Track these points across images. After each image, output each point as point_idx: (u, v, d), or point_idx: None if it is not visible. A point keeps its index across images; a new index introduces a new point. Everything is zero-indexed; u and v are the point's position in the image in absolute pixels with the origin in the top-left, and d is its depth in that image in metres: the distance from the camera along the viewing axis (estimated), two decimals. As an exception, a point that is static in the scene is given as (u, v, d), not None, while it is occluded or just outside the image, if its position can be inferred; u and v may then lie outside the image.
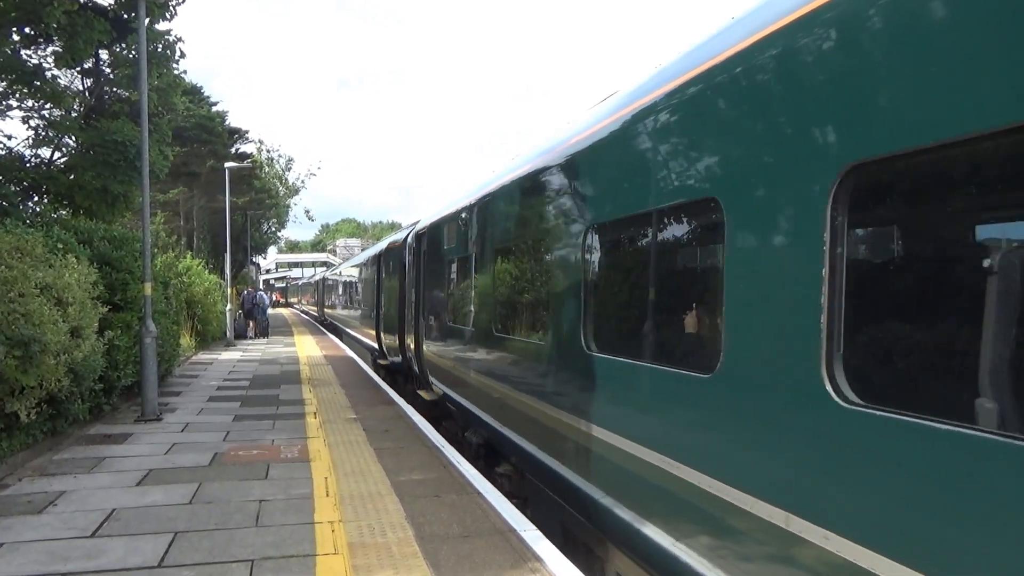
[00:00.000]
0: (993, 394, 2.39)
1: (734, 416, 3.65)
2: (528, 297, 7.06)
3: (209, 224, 42.78)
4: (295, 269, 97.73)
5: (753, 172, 3.57)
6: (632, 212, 4.92)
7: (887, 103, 2.76)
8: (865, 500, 2.78)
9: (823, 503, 2.99)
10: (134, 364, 11.15)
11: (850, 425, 2.84)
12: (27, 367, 7.56)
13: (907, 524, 2.60)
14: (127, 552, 5.25)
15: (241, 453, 8.51)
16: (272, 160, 55.69)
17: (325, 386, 14.58)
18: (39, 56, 14.88)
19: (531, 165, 7.00)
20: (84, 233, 11.61)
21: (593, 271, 5.50)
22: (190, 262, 25.26)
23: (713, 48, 3.98)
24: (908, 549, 2.56)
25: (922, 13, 2.65)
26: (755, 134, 3.57)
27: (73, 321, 8.85)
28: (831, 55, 3.05)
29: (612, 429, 4.99)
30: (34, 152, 15.39)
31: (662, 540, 4.30)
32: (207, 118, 35.95)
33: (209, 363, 19.54)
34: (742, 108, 3.69)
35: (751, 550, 3.49)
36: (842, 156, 2.94)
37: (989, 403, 2.40)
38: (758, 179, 3.52)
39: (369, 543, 5.40)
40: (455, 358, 9.95)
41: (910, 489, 2.58)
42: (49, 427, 8.70)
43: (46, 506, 6.38)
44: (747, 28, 3.67)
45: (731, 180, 3.75)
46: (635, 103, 4.89)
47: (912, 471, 2.58)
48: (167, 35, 15.35)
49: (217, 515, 6.14)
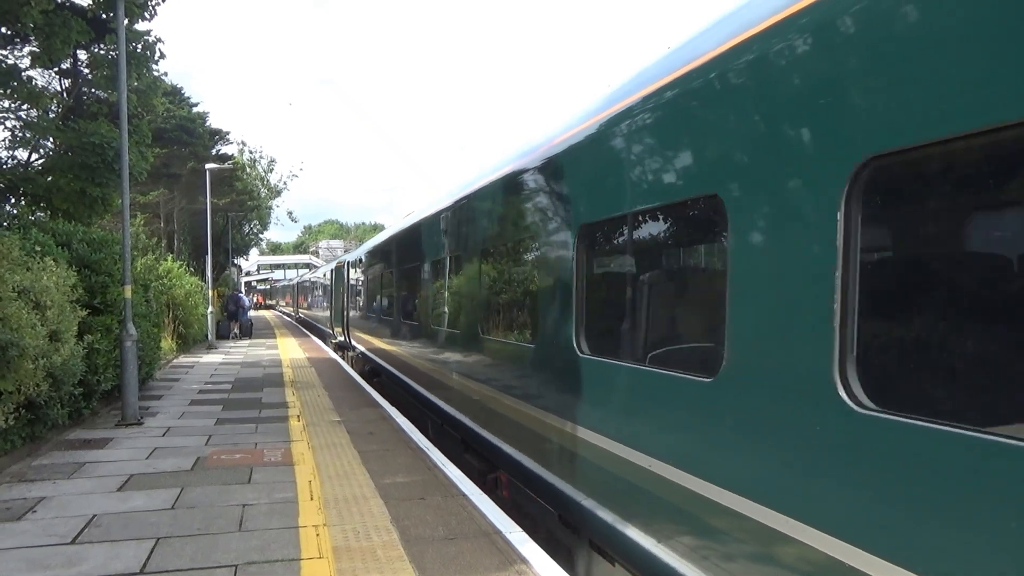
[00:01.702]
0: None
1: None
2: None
3: (190, 226, 42.39)
4: (277, 271, 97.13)
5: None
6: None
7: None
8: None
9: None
10: (114, 368, 11.02)
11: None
12: (5, 371, 7.45)
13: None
14: (108, 558, 5.18)
15: (224, 457, 8.43)
16: (254, 161, 55.33)
17: (308, 389, 14.49)
18: (15, 56, 14.74)
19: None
20: (63, 235, 11.47)
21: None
22: (171, 264, 25.05)
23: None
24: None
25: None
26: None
27: (52, 325, 8.75)
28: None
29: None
30: (11, 154, 15.24)
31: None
32: (188, 119, 35.62)
33: (190, 366, 19.36)
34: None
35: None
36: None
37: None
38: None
39: (354, 547, 5.37)
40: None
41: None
42: (28, 432, 8.56)
43: (25, 512, 6.29)
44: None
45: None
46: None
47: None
48: (147, 35, 15.26)
49: (200, 520, 6.07)
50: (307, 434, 9.70)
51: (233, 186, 43.19)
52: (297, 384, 15.24)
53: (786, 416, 3.16)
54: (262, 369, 18.45)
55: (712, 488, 3.62)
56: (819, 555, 2.91)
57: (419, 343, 11.50)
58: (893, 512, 2.62)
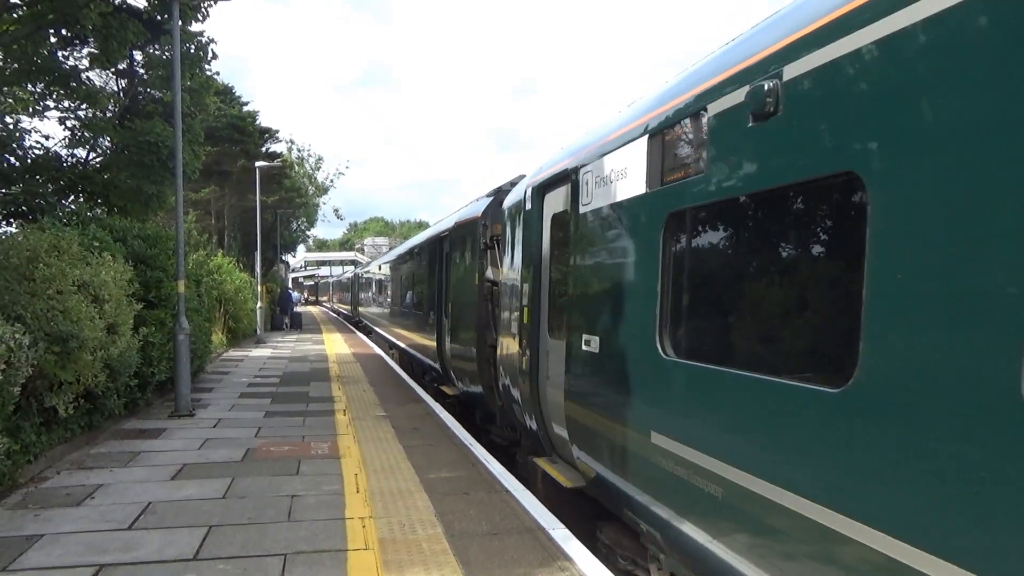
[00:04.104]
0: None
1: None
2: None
3: (240, 223, 43.24)
4: (323, 267, 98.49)
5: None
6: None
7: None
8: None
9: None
10: (168, 360, 11.33)
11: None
12: (65, 363, 7.72)
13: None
14: (163, 544, 5.34)
15: (272, 449, 8.61)
16: (302, 159, 56.13)
17: (354, 384, 14.69)
18: (75, 58, 15.21)
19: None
20: (119, 231, 11.81)
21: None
22: (221, 260, 25.57)
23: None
24: None
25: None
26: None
27: (109, 318, 9.01)
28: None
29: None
30: (70, 152, 15.73)
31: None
32: (238, 118, 36.25)
33: (240, 360, 19.79)
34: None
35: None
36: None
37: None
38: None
39: (399, 539, 5.43)
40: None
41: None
42: (86, 422, 8.87)
43: (84, 499, 6.51)
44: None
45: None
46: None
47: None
48: (200, 36, 15.57)
49: (250, 509, 6.21)
50: (353, 428, 9.83)
51: (282, 184, 43.84)
52: (343, 379, 15.46)
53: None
54: (309, 364, 18.76)
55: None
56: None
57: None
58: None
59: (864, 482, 2.92)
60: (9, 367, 6.32)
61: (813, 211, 3.70)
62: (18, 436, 6.93)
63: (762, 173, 3.72)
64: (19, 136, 14.72)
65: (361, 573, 4.80)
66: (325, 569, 4.87)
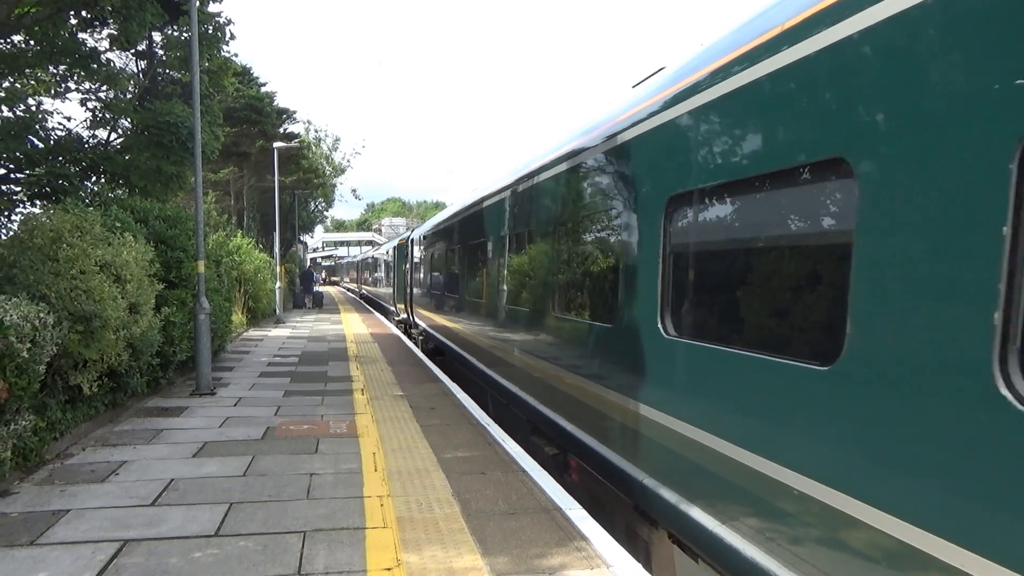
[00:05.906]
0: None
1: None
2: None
3: (258, 203, 43.45)
4: (341, 248, 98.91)
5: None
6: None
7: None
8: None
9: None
10: (189, 340, 11.48)
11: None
12: (89, 341, 7.83)
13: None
14: (185, 520, 5.44)
15: (292, 427, 8.71)
16: (320, 140, 56.23)
17: (372, 363, 14.80)
18: (95, 39, 15.29)
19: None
20: (140, 212, 11.90)
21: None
22: (240, 241, 25.72)
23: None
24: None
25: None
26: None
27: (131, 297, 9.12)
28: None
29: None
30: (92, 133, 15.84)
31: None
32: (256, 99, 36.32)
33: (260, 340, 19.99)
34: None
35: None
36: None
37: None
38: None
39: (417, 518, 5.49)
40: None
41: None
42: (110, 399, 9.02)
43: (108, 475, 6.63)
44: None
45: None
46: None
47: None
48: (217, 17, 15.59)
49: (270, 487, 6.31)
50: (371, 407, 9.92)
51: (299, 164, 44.01)
52: (361, 359, 15.57)
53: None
54: (327, 343, 18.91)
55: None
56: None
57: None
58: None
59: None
60: (34, 345, 6.43)
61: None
62: (44, 413, 7.07)
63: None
64: (42, 118, 14.85)
65: (380, 551, 4.87)
66: (344, 547, 4.94)
